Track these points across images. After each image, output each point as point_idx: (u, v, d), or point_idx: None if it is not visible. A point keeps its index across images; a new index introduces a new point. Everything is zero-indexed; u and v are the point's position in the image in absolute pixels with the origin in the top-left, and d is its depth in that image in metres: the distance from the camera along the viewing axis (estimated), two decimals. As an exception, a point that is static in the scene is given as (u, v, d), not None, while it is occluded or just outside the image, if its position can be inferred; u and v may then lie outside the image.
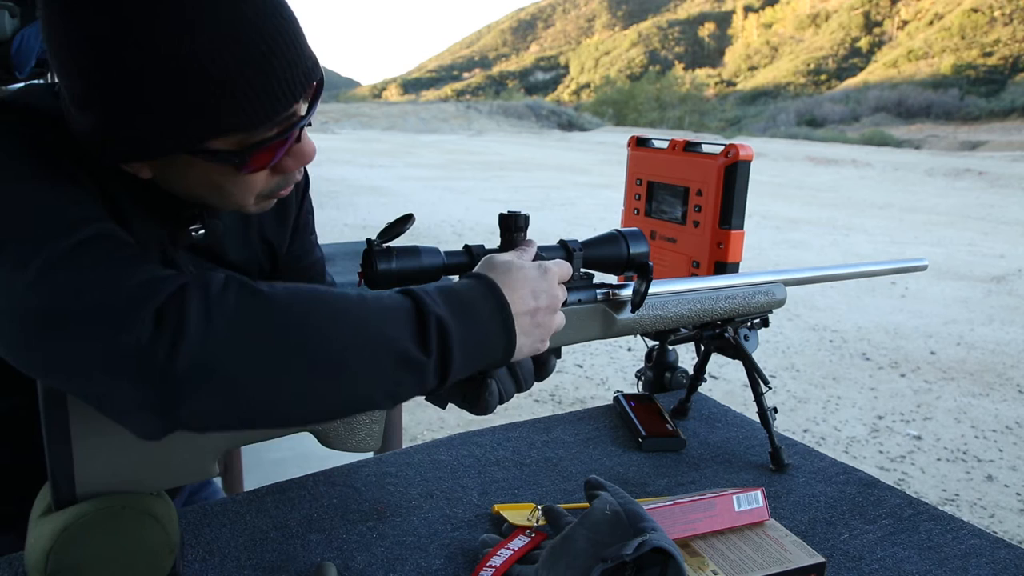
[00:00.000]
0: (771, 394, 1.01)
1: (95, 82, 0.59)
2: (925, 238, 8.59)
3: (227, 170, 0.66)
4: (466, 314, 0.64)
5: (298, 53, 0.64)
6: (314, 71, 0.66)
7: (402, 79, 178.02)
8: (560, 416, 1.13)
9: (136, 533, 0.63)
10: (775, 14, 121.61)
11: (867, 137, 40.57)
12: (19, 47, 3.66)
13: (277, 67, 0.62)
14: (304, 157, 0.71)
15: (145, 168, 0.67)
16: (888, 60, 78.72)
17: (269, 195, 0.74)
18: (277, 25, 0.62)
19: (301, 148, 0.70)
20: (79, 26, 0.58)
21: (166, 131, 0.61)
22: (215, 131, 0.62)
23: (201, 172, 0.67)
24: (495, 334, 0.66)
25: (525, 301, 0.69)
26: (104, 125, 0.61)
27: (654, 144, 1.25)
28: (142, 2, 0.57)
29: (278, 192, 0.74)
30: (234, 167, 0.66)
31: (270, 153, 0.66)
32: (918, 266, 1.15)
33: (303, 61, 0.64)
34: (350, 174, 14.18)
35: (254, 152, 0.65)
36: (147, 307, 0.52)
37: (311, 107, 0.67)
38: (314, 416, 0.59)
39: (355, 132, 37.41)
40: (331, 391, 0.58)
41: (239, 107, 0.61)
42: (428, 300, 0.62)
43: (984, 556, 0.79)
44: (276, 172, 0.71)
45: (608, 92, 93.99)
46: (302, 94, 0.65)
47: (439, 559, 0.76)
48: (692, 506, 0.75)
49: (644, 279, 0.84)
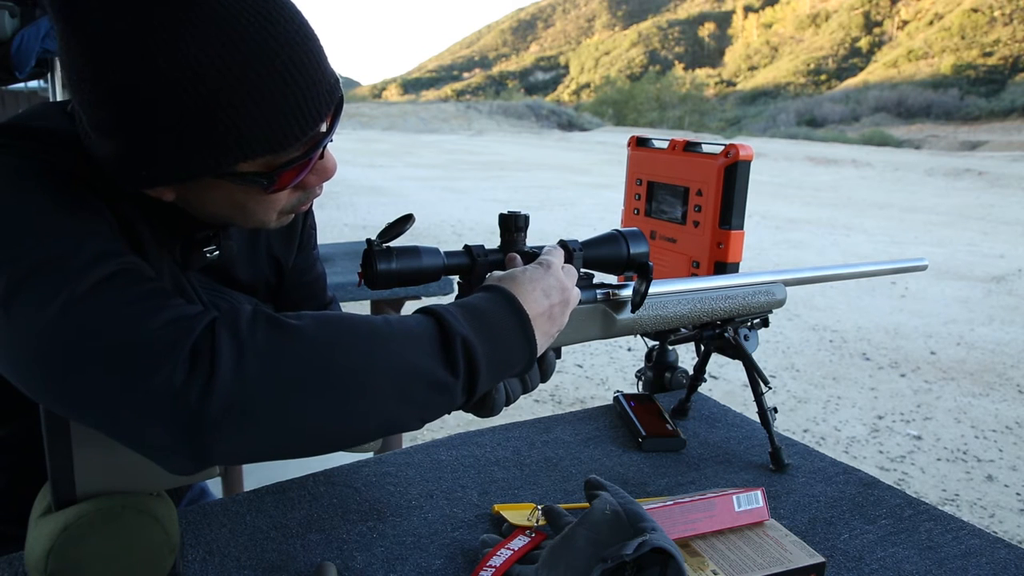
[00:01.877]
0: (771, 394, 1.02)
1: (122, 112, 0.58)
2: (925, 238, 8.59)
3: (253, 191, 0.66)
4: (489, 330, 0.65)
5: (323, 73, 0.64)
6: (336, 88, 0.66)
7: (402, 79, 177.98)
8: (560, 416, 1.13)
9: (136, 533, 0.63)
10: (775, 14, 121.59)
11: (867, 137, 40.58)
12: (19, 47, 3.66)
13: (304, 89, 0.62)
14: (326, 173, 0.71)
15: (169, 191, 0.66)
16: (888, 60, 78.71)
17: (291, 211, 0.74)
18: (304, 48, 0.62)
19: (323, 164, 0.70)
20: (105, 58, 0.56)
21: (195, 157, 0.60)
22: (245, 155, 0.62)
23: (226, 193, 0.67)
24: (518, 346, 0.67)
25: (539, 303, 0.70)
26: (129, 152, 0.60)
27: (654, 144, 1.25)
28: (171, 33, 0.55)
29: (299, 208, 0.74)
30: (261, 188, 0.66)
31: (295, 172, 0.66)
32: (918, 266, 1.15)
33: (327, 80, 0.64)
34: (350, 174, 14.18)
35: (281, 172, 0.65)
36: (179, 349, 0.52)
37: (333, 124, 0.67)
38: (345, 443, 0.60)
39: (355, 132, 37.40)
40: (363, 421, 0.58)
41: (268, 131, 0.61)
42: (452, 321, 0.62)
43: (984, 556, 0.79)
44: (299, 188, 0.71)
45: (608, 92, 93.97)
46: (327, 114, 0.65)
47: (439, 559, 0.76)
48: (692, 506, 0.75)
49: (644, 279, 0.84)
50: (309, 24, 0.64)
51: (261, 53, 0.59)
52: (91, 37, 0.56)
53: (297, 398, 0.54)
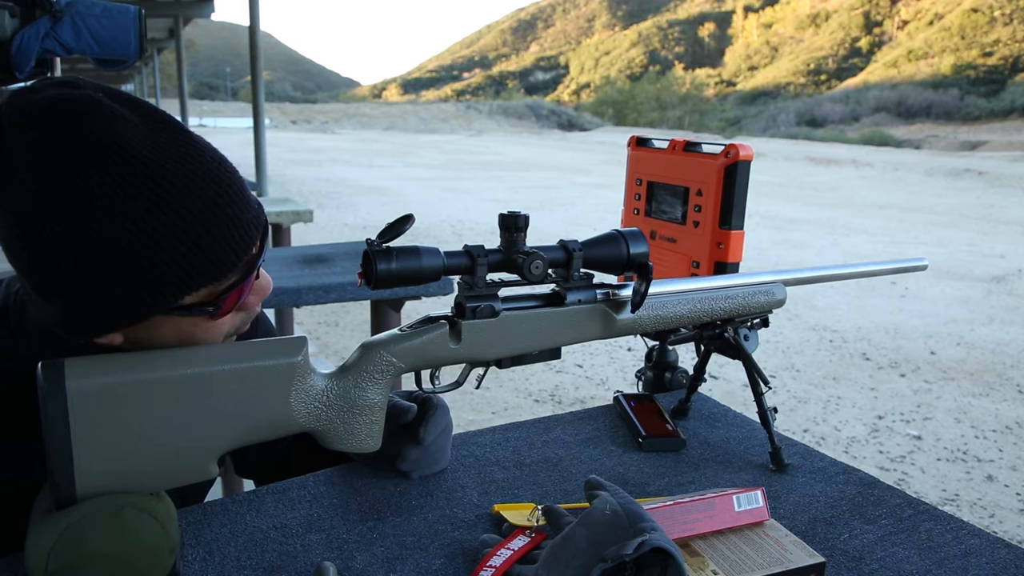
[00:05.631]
0: (771, 394, 1.02)
1: (67, 274, 0.62)
2: (925, 238, 8.59)
3: (200, 320, 0.70)
4: None
5: (247, 201, 0.69)
6: (260, 212, 0.71)
7: (402, 79, 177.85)
8: (560, 416, 1.13)
9: (136, 533, 0.63)
10: (775, 14, 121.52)
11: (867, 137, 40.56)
12: (19, 47, 3.66)
13: (234, 219, 0.67)
14: (263, 291, 0.77)
15: (117, 336, 0.69)
16: (888, 60, 78.69)
17: (233, 333, 0.77)
18: (228, 182, 0.67)
19: (260, 284, 0.76)
20: (42, 230, 0.60)
21: (145, 300, 0.64)
22: (189, 289, 0.65)
23: (174, 328, 0.70)
24: None
25: None
26: (77, 308, 0.64)
27: (654, 144, 1.25)
28: (105, 200, 0.60)
29: (241, 329, 0.78)
30: (208, 316, 0.69)
31: (236, 295, 0.71)
32: (918, 266, 1.15)
33: (251, 207, 0.69)
34: (350, 174, 14.17)
35: (224, 298, 0.69)
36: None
37: (263, 246, 0.73)
38: None
39: (355, 132, 37.39)
40: None
41: (208, 263, 0.65)
42: None
43: (984, 556, 0.79)
44: (240, 310, 0.75)
45: (608, 92, 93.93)
46: (257, 236, 0.70)
47: (439, 559, 0.76)
48: (692, 506, 0.75)
49: (644, 279, 0.84)
50: (226, 159, 0.69)
51: (190, 196, 0.63)
52: (25, 217, 0.61)
53: None
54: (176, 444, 0.65)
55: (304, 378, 0.71)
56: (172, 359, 0.66)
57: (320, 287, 1.98)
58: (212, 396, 0.66)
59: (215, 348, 0.70)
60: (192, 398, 0.65)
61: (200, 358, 0.67)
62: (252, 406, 0.69)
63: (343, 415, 0.74)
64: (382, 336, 0.78)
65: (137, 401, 0.63)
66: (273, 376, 0.70)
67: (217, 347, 0.71)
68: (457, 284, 0.81)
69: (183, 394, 0.65)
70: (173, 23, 8.08)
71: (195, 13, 7.56)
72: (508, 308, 0.81)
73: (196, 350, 0.69)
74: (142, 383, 0.64)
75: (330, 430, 0.75)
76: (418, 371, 0.81)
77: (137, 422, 0.63)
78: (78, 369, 0.61)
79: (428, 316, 0.80)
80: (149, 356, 0.66)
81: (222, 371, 0.67)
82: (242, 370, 0.68)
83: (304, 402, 0.72)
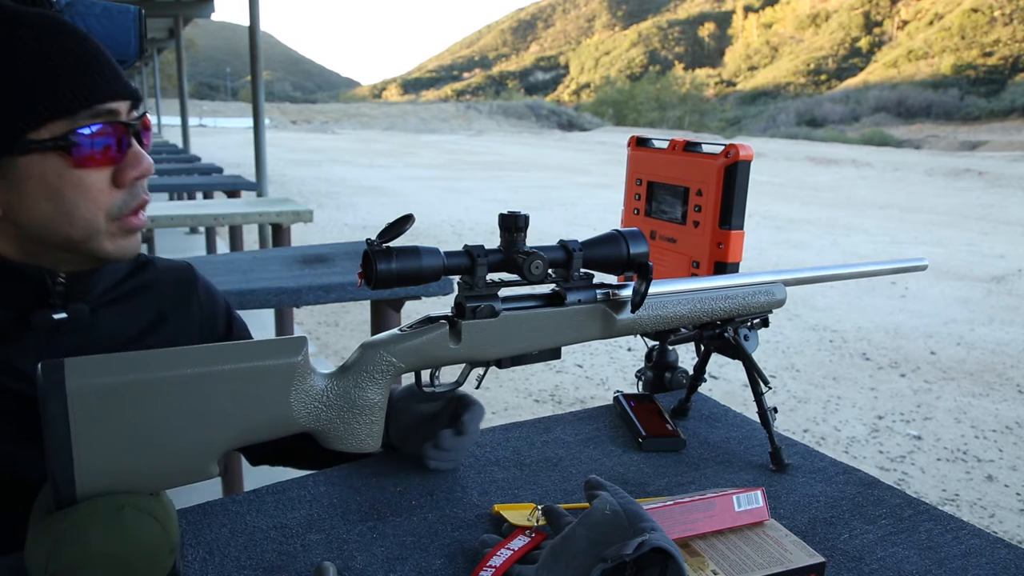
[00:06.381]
0: (771, 394, 1.02)
1: None
2: (925, 238, 8.59)
3: (61, 166, 0.69)
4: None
5: (106, 61, 0.72)
6: (134, 90, 0.73)
7: (402, 79, 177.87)
8: (560, 416, 1.13)
9: (136, 533, 0.63)
10: (775, 14, 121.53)
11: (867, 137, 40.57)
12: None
13: (89, 58, 0.70)
14: (142, 166, 0.75)
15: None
16: (888, 60, 78.68)
17: (119, 215, 0.75)
18: (83, 38, 0.71)
19: (137, 157, 0.74)
20: None
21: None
22: (33, 115, 0.67)
23: (39, 178, 0.70)
24: None
25: None
26: None
27: (654, 144, 1.25)
28: None
29: (127, 212, 0.76)
30: (66, 155, 0.69)
31: (101, 151, 0.70)
32: (918, 266, 1.15)
33: (119, 73, 0.72)
34: (350, 174, 14.18)
35: (80, 138, 0.69)
36: None
37: (139, 126, 0.74)
38: None
39: (355, 132, 37.39)
40: None
41: (51, 90, 0.67)
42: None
43: (984, 556, 0.79)
44: (117, 185, 0.74)
45: (608, 92, 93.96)
46: (118, 93, 0.71)
47: (439, 559, 0.76)
48: (692, 506, 0.75)
49: (644, 279, 0.84)
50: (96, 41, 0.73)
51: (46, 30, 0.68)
52: None
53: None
54: (176, 444, 0.65)
55: (304, 378, 0.71)
56: (172, 359, 0.66)
57: (320, 287, 1.98)
58: (212, 396, 0.66)
59: (215, 348, 0.70)
60: (192, 398, 0.65)
61: (200, 358, 0.67)
62: (252, 406, 0.69)
63: (343, 415, 0.74)
64: (382, 336, 0.78)
65: (137, 401, 0.63)
66: (273, 376, 0.70)
67: (217, 347, 0.71)
68: (457, 284, 0.81)
69: (183, 394, 0.65)
70: (173, 23, 8.07)
71: (195, 13, 7.56)
72: (508, 308, 0.81)
73: (196, 350, 0.69)
74: (142, 383, 0.64)
75: (330, 430, 0.75)
76: (418, 371, 0.81)
77: (137, 422, 0.63)
78: (78, 369, 0.61)
79: (428, 316, 0.80)
80: (149, 356, 0.66)
81: (222, 371, 0.67)
82: (242, 370, 0.68)
83: (304, 402, 0.72)
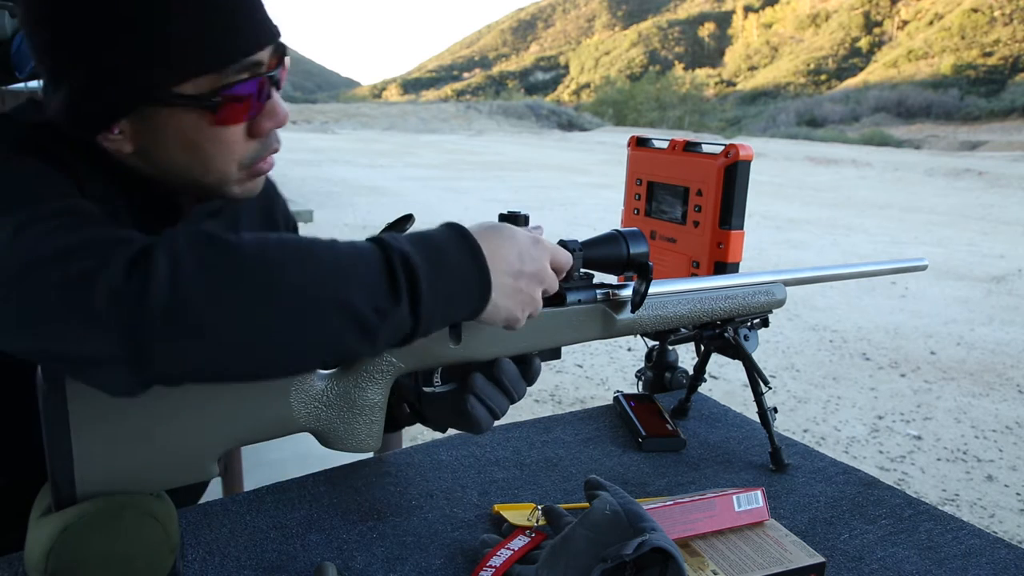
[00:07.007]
0: (771, 394, 1.02)
1: (68, 48, 0.63)
2: (925, 238, 8.59)
3: (201, 123, 0.69)
4: (436, 256, 0.62)
5: (255, 9, 0.69)
6: (275, 32, 0.71)
7: (402, 79, 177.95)
8: (560, 416, 1.13)
9: (136, 533, 0.63)
10: (775, 14, 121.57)
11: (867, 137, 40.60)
12: (19, 47, 3.66)
13: (236, 12, 0.66)
14: (278, 116, 0.74)
15: (126, 142, 0.69)
16: (888, 60, 78.71)
17: (250, 163, 0.75)
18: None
19: (274, 108, 0.73)
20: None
21: (132, 76, 0.64)
22: (181, 71, 0.65)
23: (177, 130, 0.69)
24: (468, 280, 0.64)
25: (508, 261, 0.67)
26: (78, 92, 0.65)
27: (654, 144, 1.25)
28: None
29: (258, 161, 0.76)
30: (209, 113, 0.68)
31: (243, 106, 0.69)
32: (918, 266, 1.15)
33: (263, 19, 0.69)
34: (350, 174, 14.18)
35: (225, 97, 0.68)
36: (119, 256, 0.52)
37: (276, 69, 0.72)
38: (290, 362, 0.59)
39: (355, 132, 37.42)
40: (302, 335, 0.56)
41: (199, 44, 0.65)
42: (394, 243, 0.61)
43: (984, 556, 0.79)
44: (252, 136, 0.73)
45: (608, 92, 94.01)
46: (265, 41, 0.69)
47: (439, 559, 0.76)
48: (692, 506, 0.75)
49: (644, 279, 0.84)
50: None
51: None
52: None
53: (237, 309, 0.53)
54: (176, 444, 0.65)
55: (304, 378, 0.71)
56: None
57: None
58: (212, 396, 0.66)
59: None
60: (192, 398, 0.65)
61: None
62: (252, 406, 0.68)
63: (343, 415, 0.74)
64: (382, 336, 0.78)
65: (137, 400, 0.63)
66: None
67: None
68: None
69: (183, 394, 0.65)
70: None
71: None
72: (508, 308, 0.81)
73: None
74: (142, 383, 0.64)
75: (330, 430, 0.75)
76: (418, 371, 0.81)
77: (137, 421, 0.63)
78: (78, 369, 0.61)
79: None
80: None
81: (222, 371, 0.67)
82: (242, 370, 0.68)
83: (304, 402, 0.71)
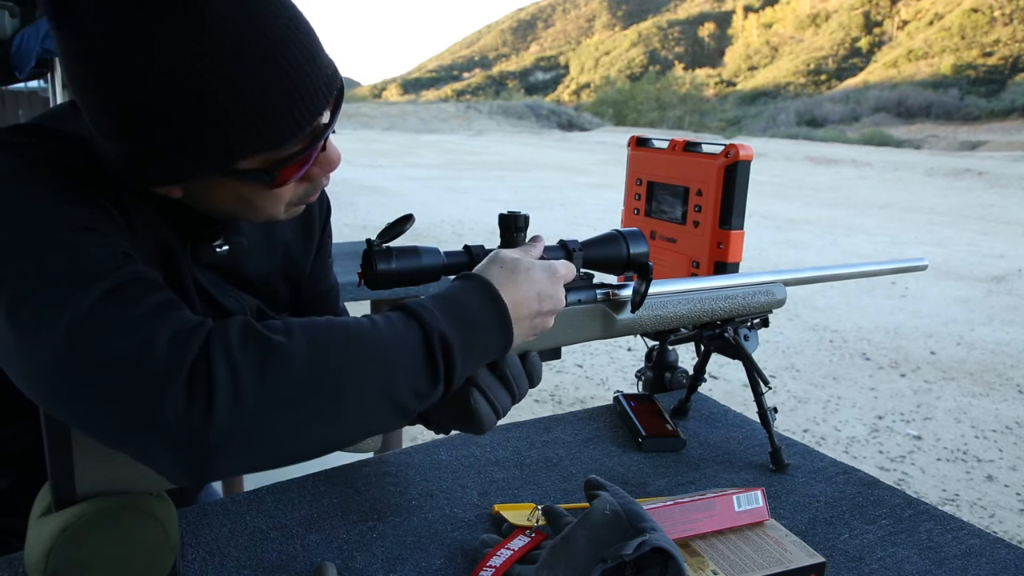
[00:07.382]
0: (771, 394, 1.02)
1: (122, 119, 0.60)
2: (925, 238, 8.59)
3: (257, 187, 0.67)
4: (467, 325, 0.65)
5: (318, 67, 0.64)
6: (334, 80, 0.66)
7: (402, 79, 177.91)
8: (560, 416, 1.13)
9: (136, 533, 0.63)
10: (775, 14, 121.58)
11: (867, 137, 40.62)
12: (19, 47, 3.66)
13: (300, 84, 0.62)
14: (330, 164, 0.72)
15: (176, 189, 0.68)
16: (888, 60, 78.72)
17: (299, 202, 0.75)
18: (297, 42, 0.62)
19: (327, 156, 0.71)
20: (106, 69, 0.58)
21: (195, 158, 0.62)
22: (244, 154, 0.63)
23: (231, 190, 0.68)
24: (493, 340, 0.68)
25: (528, 304, 0.70)
26: (131, 155, 0.62)
27: (654, 144, 1.25)
28: (171, 47, 0.57)
29: (307, 199, 0.75)
30: (264, 184, 0.67)
31: (297, 167, 0.67)
32: (918, 266, 1.15)
33: (323, 72, 0.65)
34: (350, 174, 14.17)
35: (282, 168, 0.66)
36: (178, 372, 0.53)
37: (334, 115, 0.68)
38: (335, 449, 0.63)
39: (355, 132, 37.42)
40: (353, 429, 0.60)
41: (266, 128, 0.62)
42: (432, 321, 0.63)
43: (984, 556, 0.79)
44: (304, 180, 0.72)
45: (608, 92, 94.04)
46: (325, 106, 0.66)
47: (439, 559, 0.76)
48: (692, 506, 0.75)
49: (644, 279, 0.84)
50: (302, 15, 0.64)
51: (255, 53, 0.59)
52: (93, 49, 0.58)
53: (292, 419, 0.56)
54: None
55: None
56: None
57: (320, 287, 1.97)
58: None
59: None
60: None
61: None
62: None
63: (343, 415, 0.74)
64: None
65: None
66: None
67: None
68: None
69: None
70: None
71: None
72: (508, 308, 0.81)
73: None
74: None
75: (330, 430, 0.75)
76: None
77: (137, 422, 0.63)
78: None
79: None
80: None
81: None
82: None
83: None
